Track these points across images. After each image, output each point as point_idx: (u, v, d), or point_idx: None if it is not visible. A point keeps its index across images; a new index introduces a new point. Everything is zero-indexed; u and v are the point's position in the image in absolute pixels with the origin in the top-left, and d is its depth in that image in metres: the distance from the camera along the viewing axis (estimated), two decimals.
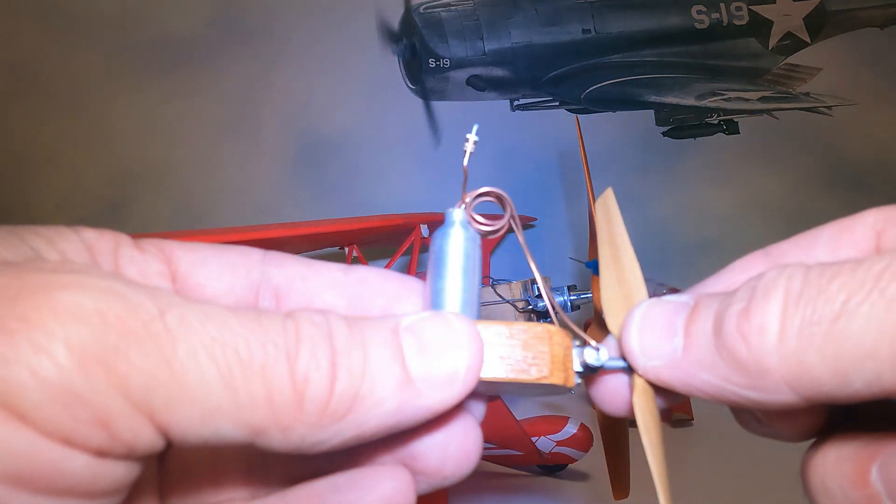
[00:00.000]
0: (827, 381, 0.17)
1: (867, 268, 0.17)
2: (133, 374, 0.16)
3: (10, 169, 1.57)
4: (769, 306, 0.18)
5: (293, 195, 1.47)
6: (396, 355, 0.19)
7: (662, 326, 0.20)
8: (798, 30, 1.37)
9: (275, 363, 0.18)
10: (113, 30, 1.51)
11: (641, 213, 1.39)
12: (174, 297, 0.18)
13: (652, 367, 0.20)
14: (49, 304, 0.16)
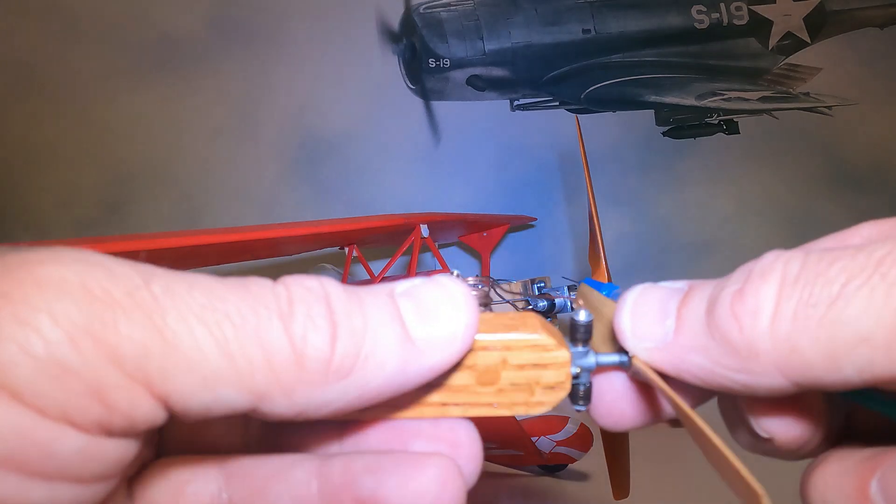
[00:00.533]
0: (818, 365, 0.17)
1: (868, 253, 0.17)
2: (124, 344, 0.16)
3: (10, 169, 1.57)
4: (765, 288, 0.18)
5: (293, 195, 1.47)
6: (396, 317, 0.19)
7: (655, 309, 0.20)
8: (798, 30, 1.36)
9: (268, 325, 0.17)
10: (113, 30, 1.51)
11: (641, 213, 1.39)
12: (157, 268, 0.18)
13: (643, 349, 0.20)
14: (31, 279, 0.16)
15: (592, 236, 0.70)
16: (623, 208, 1.39)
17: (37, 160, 1.56)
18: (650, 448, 0.92)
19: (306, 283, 0.19)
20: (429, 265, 1.27)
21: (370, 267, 0.86)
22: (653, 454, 0.90)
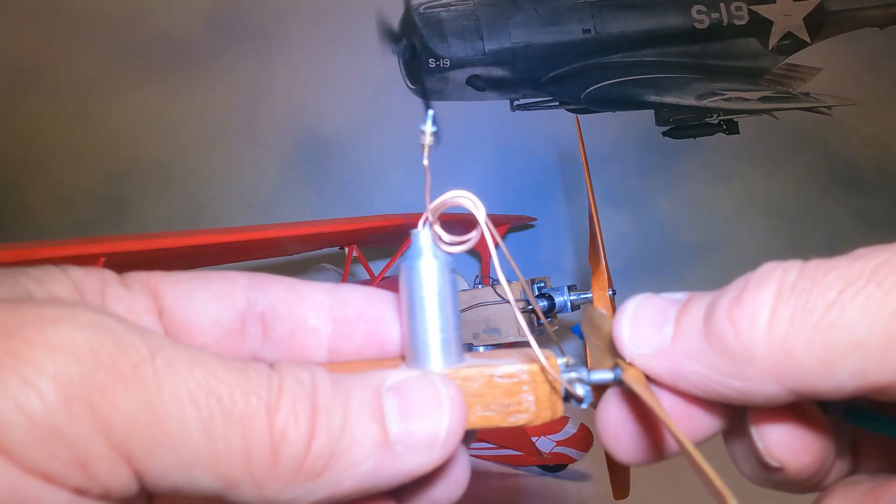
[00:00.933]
0: (812, 370, 0.17)
1: (865, 261, 0.17)
2: (116, 416, 0.16)
3: (10, 169, 1.57)
4: (762, 294, 0.18)
5: (293, 195, 1.47)
6: (377, 416, 0.19)
7: (654, 317, 0.20)
8: (798, 30, 1.36)
9: (255, 415, 0.18)
10: (113, 30, 1.51)
11: (641, 213, 1.39)
12: (165, 339, 0.18)
13: (640, 355, 0.20)
14: (42, 339, 0.16)
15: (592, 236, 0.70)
16: (623, 208, 1.39)
17: (37, 160, 1.56)
18: None
19: (298, 375, 0.19)
20: None
21: (370, 267, 0.86)
22: None
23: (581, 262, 1.38)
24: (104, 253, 0.60)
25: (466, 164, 1.42)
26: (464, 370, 0.21)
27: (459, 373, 0.21)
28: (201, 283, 0.23)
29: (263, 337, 0.24)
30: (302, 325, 0.24)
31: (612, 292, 0.67)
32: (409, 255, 0.23)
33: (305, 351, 0.24)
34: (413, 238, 0.23)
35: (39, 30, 1.52)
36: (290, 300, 0.24)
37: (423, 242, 0.23)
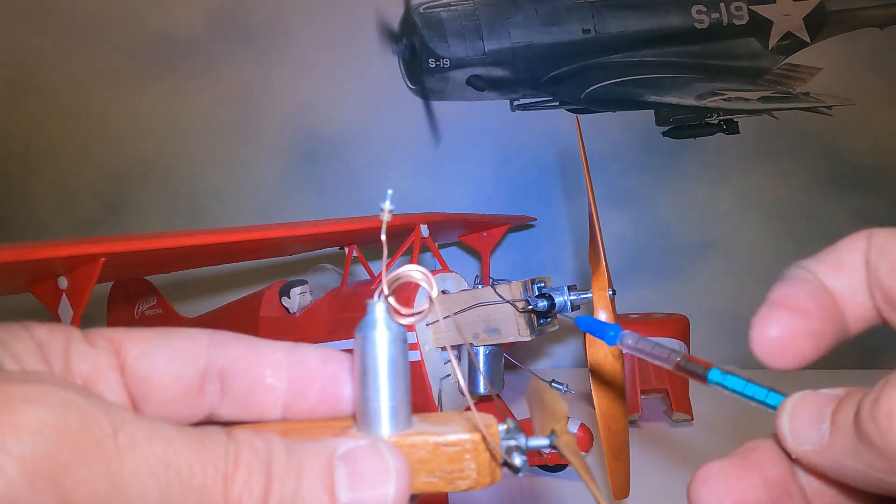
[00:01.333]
0: None
1: None
2: (78, 491, 0.17)
3: (10, 169, 1.57)
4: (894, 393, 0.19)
5: (293, 195, 1.47)
6: (328, 485, 0.20)
7: (813, 414, 0.22)
8: (798, 30, 1.36)
9: (213, 486, 0.19)
10: (113, 30, 1.51)
11: (641, 213, 1.39)
12: (128, 413, 0.19)
13: (803, 451, 0.22)
14: (10, 420, 0.17)
15: (592, 236, 0.70)
16: (623, 208, 1.39)
17: (37, 160, 1.56)
18: (650, 448, 0.92)
19: (254, 444, 0.20)
20: (429, 265, 1.26)
21: (370, 267, 0.86)
22: (653, 454, 0.90)
23: (581, 262, 1.38)
24: (104, 253, 0.60)
25: (466, 164, 1.42)
26: (411, 437, 0.23)
27: (407, 440, 0.23)
28: (164, 339, 0.24)
29: (222, 394, 0.25)
30: (259, 384, 0.25)
31: (612, 292, 0.67)
32: (363, 326, 0.24)
33: (261, 408, 0.25)
34: (368, 309, 0.25)
35: (39, 30, 1.52)
36: (249, 358, 0.25)
37: (378, 314, 0.24)
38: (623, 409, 0.64)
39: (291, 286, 0.89)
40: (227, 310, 1.00)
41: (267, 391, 0.25)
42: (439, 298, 0.76)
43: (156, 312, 1.16)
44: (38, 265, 0.59)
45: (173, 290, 1.33)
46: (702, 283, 1.35)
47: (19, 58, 1.53)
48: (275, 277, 0.99)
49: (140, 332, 0.24)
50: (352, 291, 0.82)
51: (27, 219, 1.57)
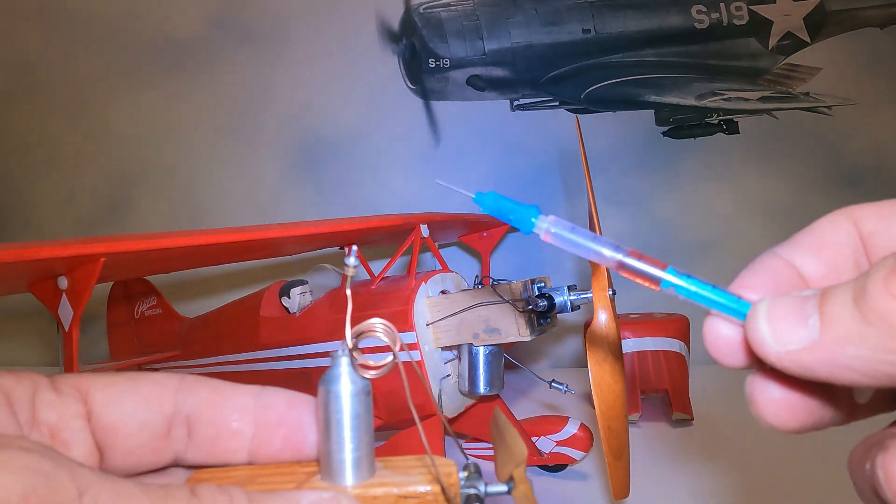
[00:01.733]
0: None
1: None
2: None
3: (10, 169, 1.57)
4: None
5: (293, 195, 1.47)
6: None
7: (793, 311, 0.20)
8: (798, 30, 1.36)
9: None
10: (113, 30, 1.51)
11: (641, 212, 1.39)
12: (93, 475, 0.19)
13: (787, 352, 0.19)
14: None
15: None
16: (623, 208, 1.39)
17: (37, 160, 1.56)
18: (650, 448, 0.92)
19: (217, 500, 0.21)
20: (429, 265, 1.27)
21: (370, 267, 0.86)
22: (653, 454, 0.90)
23: (581, 262, 1.38)
24: (104, 253, 0.60)
25: (466, 163, 1.42)
26: (373, 489, 0.23)
27: (369, 491, 0.23)
28: (132, 385, 0.25)
29: (188, 439, 0.25)
30: (225, 428, 0.25)
31: (612, 292, 0.67)
32: (327, 379, 0.25)
33: (227, 453, 0.25)
34: (333, 362, 0.25)
35: (40, 30, 1.52)
36: (216, 403, 0.25)
37: (342, 368, 0.25)
38: (623, 409, 0.64)
39: (291, 286, 0.89)
40: (227, 310, 1.00)
41: (233, 436, 0.25)
42: (439, 298, 0.76)
43: (156, 312, 1.16)
44: (38, 265, 0.59)
45: (173, 290, 1.33)
46: None
47: (19, 58, 1.53)
48: (275, 277, 0.99)
49: (107, 378, 0.24)
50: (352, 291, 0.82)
51: (27, 219, 1.57)
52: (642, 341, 1.01)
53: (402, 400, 0.77)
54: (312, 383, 0.79)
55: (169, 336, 1.10)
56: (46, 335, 1.52)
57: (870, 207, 0.23)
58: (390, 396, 0.77)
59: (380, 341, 0.25)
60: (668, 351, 1.01)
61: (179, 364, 1.06)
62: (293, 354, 0.85)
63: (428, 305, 0.75)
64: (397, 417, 0.78)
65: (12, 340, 1.58)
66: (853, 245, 0.23)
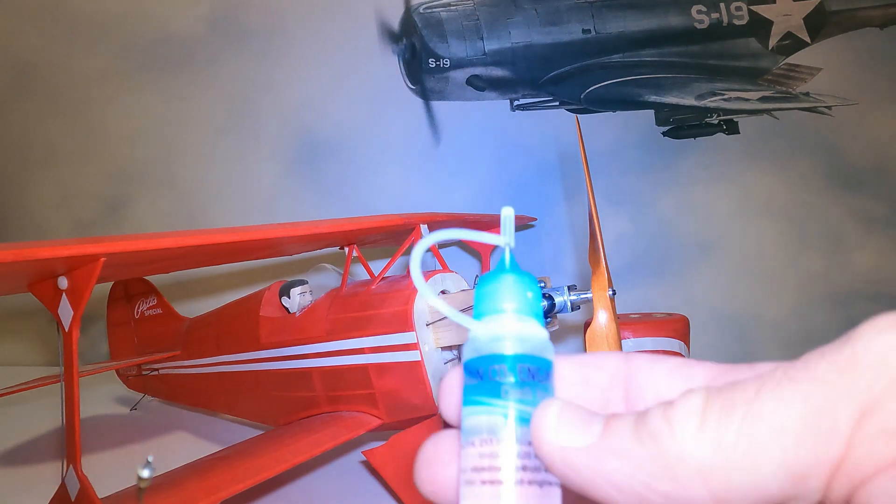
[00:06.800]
0: (737, 465, 0.18)
1: (765, 370, 0.19)
2: None
3: (10, 169, 1.57)
4: (693, 397, 0.19)
5: (293, 195, 1.47)
6: None
7: (582, 416, 0.21)
8: (798, 29, 1.36)
9: None
10: (113, 30, 1.51)
11: (641, 213, 1.39)
12: None
13: (561, 448, 0.20)
14: None
15: (592, 236, 0.70)
16: (623, 208, 1.39)
17: (37, 160, 1.56)
18: None
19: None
20: (429, 265, 1.27)
21: (370, 267, 0.86)
22: None
23: (581, 262, 1.38)
24: (104, 253, 0.60)
25: (466, 163, 1.42)
26: None
27: None
28: None
29: None
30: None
31: (612, 292, 0.67)
32: None
33: None
34: None
35: (40, 30, 1.52)
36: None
37: None
38: None
39: (291, 286, 0.89)
40: (227, 310, 1.00)
41: None
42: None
43: (156, 312, 1.16)
44: (38, 265, 0.59)
45: (173, 290, 1.33)
46: (702, 283, 1.35)
47: (19, 58, 1.54)
48: (275, 277, 0.99)
49: None
50: (351, 291, 0.82)
51: (27, 219, 1.57)
52: (642, 341, 1.01)
53: (402, 400, 0.77)
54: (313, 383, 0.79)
55: (169, 336, 1.10)
56: (46, 335, 1.53)
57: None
58: (390, 396, 0.77)
59: None
60: (668, 351, 1.01)
61: (179, 364, 1.06)
62: (293, 354, 0.85)
63: (428, 305, 0.75)
64: (397, 417, 0.78)
65: (12, 340, 1.58)
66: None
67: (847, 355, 0.17)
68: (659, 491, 0.18)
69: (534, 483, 0.20)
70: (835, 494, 0.17)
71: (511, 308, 0.23)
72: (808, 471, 0.17)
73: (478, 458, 0.20)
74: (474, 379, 0.22)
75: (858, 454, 0.16)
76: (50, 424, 1.11)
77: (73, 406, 0.61)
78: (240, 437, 0.86)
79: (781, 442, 0.17)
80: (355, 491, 0.82)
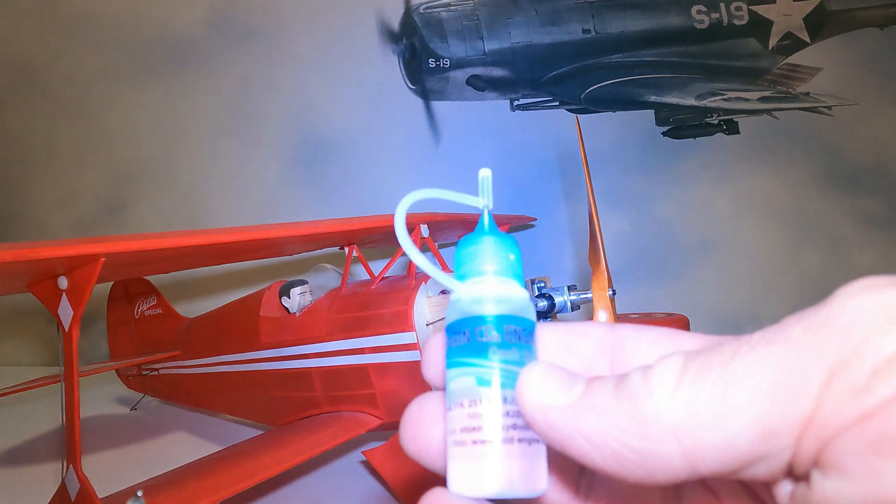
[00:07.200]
0: (710, 425, 0.18)
1: (749, 336, 0.19)
2: None
3: (10, 169, 1.57)
4: (671, 360, 0.19)
5: (293, 195, 1.47)
6: None
7: (565, 377, 0.21)
8: (798, 29, 1.36)
9: None
10: (113, 30, 1.51)
11: (641, 213, 1.39)
12: None
13: (542, 405, 0.21)
14: None
15: (592, 236, 0.70)
16: (623, 208, 1.39)
17: (37, 160, 1.56)
18: None
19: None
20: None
21: (370, 267, 0.86)
22: None
23: (581, 262, 1.38)
24: (104, 253, 0.60)
25: (466, 163, 1.42)
26: None
27: None
28: None
29: None
30: None
31: (612, 292, 0.67)
32: None
33: None
34: None
35: (40, 30, 1.53)
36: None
37: None
38: None
39: (291, 286, 0.89)
40: (227, 310, 1.00)
41: None
42: (439, 298, 0.76)
43: (156, 312, 1.16)
44: (38, 265, 0.59)
45: (173, 290, 1.33)
46: (702, 283, 1.35)
47: (19, 58, 1.54)
48: (275, 277, 0.99)
49: None
50: (351, 291, 0.82)
51: (27, 219, 1.57)
52: None
53: (402, 400, 0.77)
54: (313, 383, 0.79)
55: (169, 336, 1.10)
56: (46, 335, 1.53)
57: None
58: (391, 396, 0.77)
59: None
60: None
61: (179, 364, 1.06)
62: (293, 354, 0.85)
63: (428, 305, 0.75)
64: (397, 417, 0.78)
65: (12, 340, 1.58)
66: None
67: (822, 317, 0.18)
68: (634, 448, 0.19)
69: (523, 441, 0.21)
70: (804, 453, 0.17)
71: (492, 270, 0.23)
72: (778, 429, 0.17)
73: (467, 418, 0.21)
74: (459, 340, 0.22)
75: (826, 412, 0.17)
76: (50, 424, 1.11)
77: (73, 406, 0.61)
78: (240, 437, 0.86)
79: (753, 401, 0.17)
80: (355, 491, 0.82)
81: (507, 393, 0.21)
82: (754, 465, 0.18)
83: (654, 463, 0.19)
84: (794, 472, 0.18)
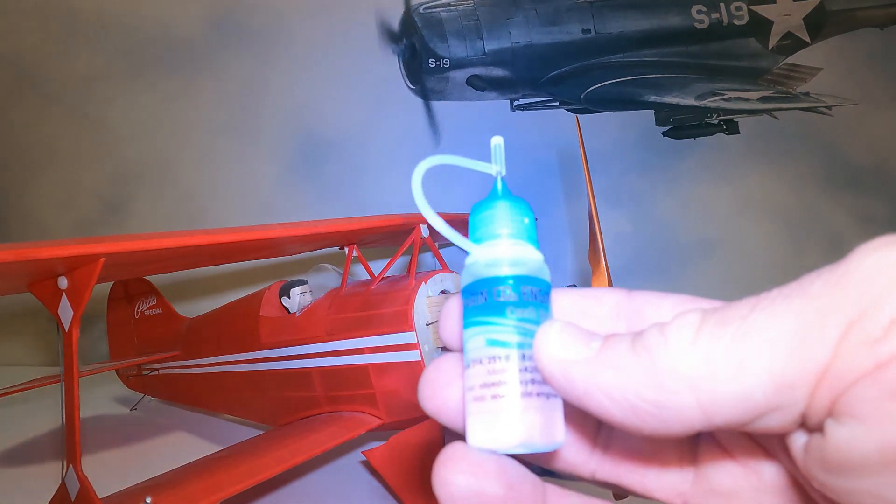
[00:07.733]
0: (726, 377, 0.18)
1: (766, 293, 0.19)
2: None
3: (10, 169, 1.57)
4: (688, 316, 0.20)
5: (293, 195, 1.47)
6: None
7: (583, 334, 0.22)
8: (798, 29, 1.36)
9: None
10: (113, 30, 1.51)
11: (642, 212, 1.39)
12: None
13: (561, 360, 0.21)
14: None
15: (592, 236, 0.70)
16: (623, 208, 1.39)
17: (37, 160, 1.56)
18: None
19: None
20: (429, 265, 1.27)
21: (370, 267, 0.86)
22: None
23: (581, 262, 1.38)
24: (104, 253, 0.60)
25: None
26: None
27: None
28: None
29: None
30: None
31: None
32: None
33: None
34: None
35: (39, 29, 1.53)
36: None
37: None
38: None
39: (291, 286, 0.89)
40: (227, 310, 1.00)
41: None
42: (439, 298, 0.76)
43: (156, 312, 1.16)
44: (38, 265, 0.59)
45: (173, 290, 1.33)
46: (702, 283, 1.35)
47: (19, 57, 1.53)
48: (275, 277, 0.99)
49: None
50: (351, 291, 0.82)
51: (27, 219, 1.57)
52: None
53: (402, 400, 0.77)
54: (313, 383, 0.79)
55: (169, 336, 1.10)
56: (46, 335, 1.53)
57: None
58: (391, 396, 0.77)
59: None
60: None
61: (179, 364, 1.06)
62: (293, 354, 0.85)
63: (428, 305, 0.75)
64: (397, 417, 0.78)
65: (12, 340, 1.58)
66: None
67: (840, 273, 0.18)
68: (650, 400, 0.19)
69: (541, 395, 0.21)
70: (818, 403, 0.17)
71: (507, 233, 0.24)
72: (793, 380, 0.17)
73: (485, 374, 0.21)
74: (477, 300, 0.23)
75: (842, 363, 0.17)
76: (50, 424, 1.11)
77: (73, 406, 0.61)
78: (240, 437, 0.86)
79: (770, 353, 0.18)
80: (355, 491, 0.82)
81: (525, 350, 0.22)
82: (768, 415, 0.18)
83: (670, 414, 0.19)
84: (808, 424, 0.18)
